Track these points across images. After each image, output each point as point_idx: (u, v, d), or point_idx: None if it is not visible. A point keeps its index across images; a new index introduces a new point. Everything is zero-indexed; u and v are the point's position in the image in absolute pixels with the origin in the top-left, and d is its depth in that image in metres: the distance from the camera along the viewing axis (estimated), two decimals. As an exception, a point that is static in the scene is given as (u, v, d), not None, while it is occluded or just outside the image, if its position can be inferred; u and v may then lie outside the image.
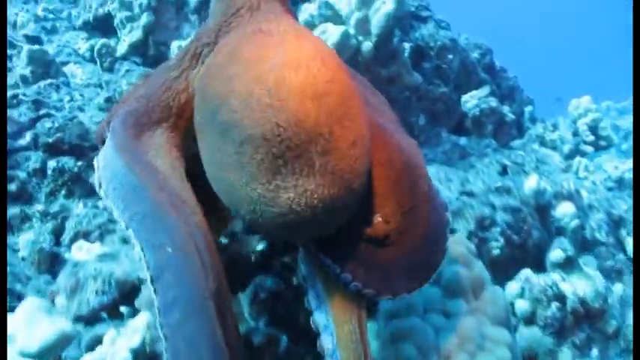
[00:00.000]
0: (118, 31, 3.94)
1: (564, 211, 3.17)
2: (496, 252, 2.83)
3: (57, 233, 2.49)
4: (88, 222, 2.43)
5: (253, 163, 1.06)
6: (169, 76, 1.36)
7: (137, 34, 3.70)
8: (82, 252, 2.07)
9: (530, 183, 3.13)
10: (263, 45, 1.13)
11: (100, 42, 3.89)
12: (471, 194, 3.01)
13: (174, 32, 3.68)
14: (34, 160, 2.78)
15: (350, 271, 1.18)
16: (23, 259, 2.21)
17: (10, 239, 2.42)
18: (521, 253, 2.98)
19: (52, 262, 2.28)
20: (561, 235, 3.13)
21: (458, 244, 1.59)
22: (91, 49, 4.10)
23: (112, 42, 4.08)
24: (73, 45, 4.30)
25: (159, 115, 1.31)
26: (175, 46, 3.53)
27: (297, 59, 1.08)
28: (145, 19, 3.69)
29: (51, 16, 4.71)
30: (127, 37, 3.75)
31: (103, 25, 4.38)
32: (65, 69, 3.86)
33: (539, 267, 2.91)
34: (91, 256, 2.03)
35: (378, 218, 1.21)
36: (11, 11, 4.82)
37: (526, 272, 2.70)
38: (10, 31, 4.68)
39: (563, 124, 5.16)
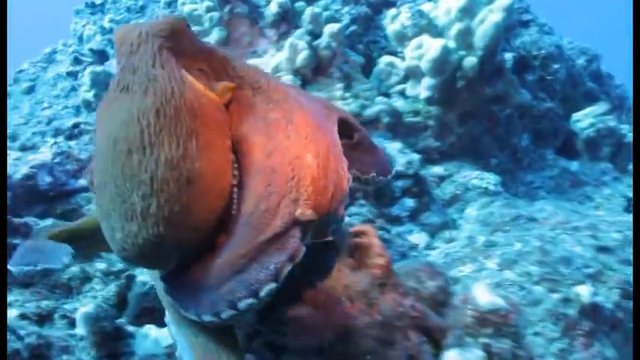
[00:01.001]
0: (187, 47, 3.58)
1: None
2: (644, 325, 2.26)
3: (121, 297, 2.15)
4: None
5: (99, 204, 1.18)
6: None
7: (208, 52, 3.31)
8: (148, 341, 1.70)
9: (678, 232, 2.55)
10: (112, 102, 1.18)
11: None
12: (607, 250, 2.47)
13: (247, 49, 3.28)
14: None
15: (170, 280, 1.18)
16: (82, 338, 1.87)
17: (70, 305, 2.09)
18: (669, 320, 2.42)
19: (115, 337, 1.92)
20: None
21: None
22: (159, 64, 3.76)
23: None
24: (140, 59, 3.99)
25: None
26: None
27: (134, 113, 1.12)
28: (216, 34, 3.30)
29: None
30: (197, 55, 3.37)
31: (171, 38, 4.04)
32: (131, 88, 3.54)
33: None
34: (159, 349, 1.66)
35: None
36: (79, 24, 4.59)
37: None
38: (77, 45, 4.45)
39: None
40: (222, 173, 1.16)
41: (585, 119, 3.74)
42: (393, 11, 3.52)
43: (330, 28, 3.19)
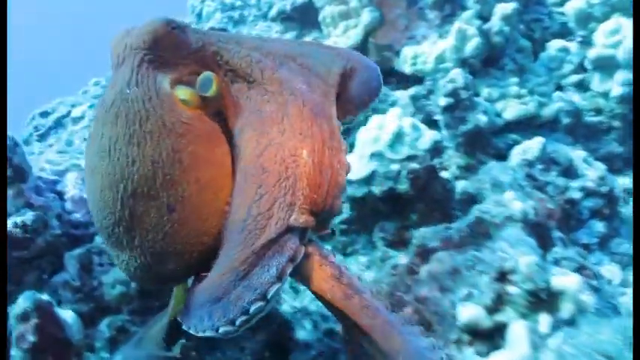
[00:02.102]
0: (324, 29, 3.17)
1: None
2: None
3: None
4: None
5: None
6: None
7: (355, 35, 2.88)
8: None
9: None
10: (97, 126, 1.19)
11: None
12: None
13: (403, 34, 2.82)
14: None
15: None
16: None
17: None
18: None
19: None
20: None
21: None
22: (288, 46, 3.38)
23: (309, 39, 3.34)
24: (265, 40, 3.63)
25: None
26: (409, 54, 2.66)
27: (107, 145, 1.13)
28: (366, 16, 2.86)
29: (238, 3, 4.10)
30: (339, 39, 2.95)
31: (301, 16, 3.65)
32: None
33: None
34: None
35: None
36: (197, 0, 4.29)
37: None
38: (195, 23, 4.15)
39: None
40: (214, 190, 1.14)
41: None
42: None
43: (502, 9, 2.66)
